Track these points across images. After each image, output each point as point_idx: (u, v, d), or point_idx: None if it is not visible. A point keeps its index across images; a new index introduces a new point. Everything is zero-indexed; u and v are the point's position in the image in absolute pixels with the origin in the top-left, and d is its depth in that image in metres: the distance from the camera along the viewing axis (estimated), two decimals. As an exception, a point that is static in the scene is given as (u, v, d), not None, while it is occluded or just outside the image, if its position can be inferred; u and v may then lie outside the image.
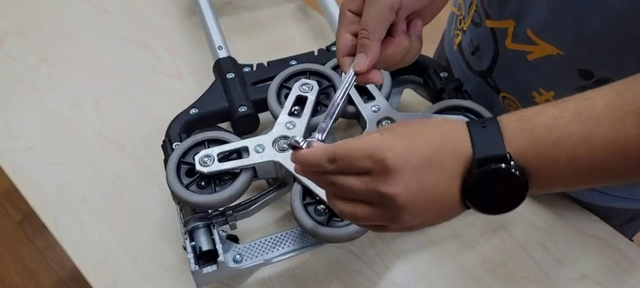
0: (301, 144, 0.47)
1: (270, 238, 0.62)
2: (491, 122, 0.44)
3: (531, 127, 0.42)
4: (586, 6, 0.54)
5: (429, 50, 0.86)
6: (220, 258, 0.57)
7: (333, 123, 0.53)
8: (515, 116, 0.44)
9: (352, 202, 0.45)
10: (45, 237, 1.53)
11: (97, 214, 0.71)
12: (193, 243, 0.58)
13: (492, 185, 0.43)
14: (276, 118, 0.65)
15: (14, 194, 0.73)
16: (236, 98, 0.69)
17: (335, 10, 0.81)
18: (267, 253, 0.61)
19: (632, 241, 0.73)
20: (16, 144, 0.77)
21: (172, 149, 0.63)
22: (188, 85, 0.83)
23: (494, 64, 0.67)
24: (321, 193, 0.58)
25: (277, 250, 0.62)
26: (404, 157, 0.42)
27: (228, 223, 0.62)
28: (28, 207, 0.72)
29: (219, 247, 0.58)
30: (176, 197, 0.60)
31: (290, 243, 0.62)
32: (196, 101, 0.69)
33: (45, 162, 0.75)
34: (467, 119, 0.56)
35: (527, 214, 0.71)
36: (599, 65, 0.57)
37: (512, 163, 0.42)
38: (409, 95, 0.79)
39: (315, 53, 0.74)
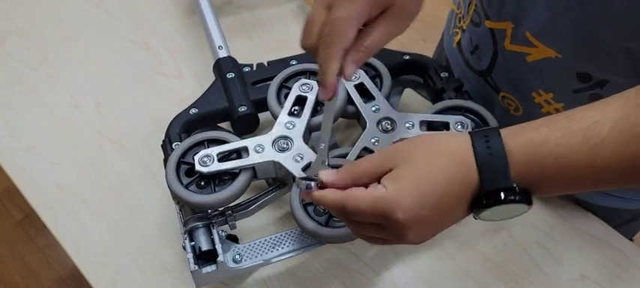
0: (312, 185, 0.48)
1: (270, 238, 0.62)
2: (498, 150, 0.44)
3: (539, 156, 0.44)
4: (583, 10, 0.54)
5: (428, 50, 0.86)
6: (220, 258, 0.57)
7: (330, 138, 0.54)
8: (522, 141, 0.44)
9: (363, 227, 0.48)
10: (46, 236, 1.53)
11: (97, 213, 0.71)
12: (193, 243, 0.58)
13: (499, 209, 0.45)
14: (276, 118, 0.65)
15: (15, 193, 0.73)
16: (236, 98, 0.69)
17: (335, 10, 0.81)
18: (266, 253, 0.61)
19: (632, 241, 0.73)
20: (16, 144, 0.77)
21: (172, 149, 0.63)
22: (188, 85, 0.83)
23: (494, 65, 0.67)
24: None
25: (277, 250, 0.62)
26: (414, 212, 0.44)
27: (227, 223, 0.62)
28: (29, 206, 0.72)
29: (218, 247, 0.58)
30: (176, 197, 0.60)
31: (289, 243, 0.62)
32: (196, 101, 0.69)
33: (45, 162, 0.75)
34: (468, 128, 0.59)
35: (527, 214, 0.70)
36: (597, 68, 0.57)
37: (517, 190, 0.44)
38: (409, 95, 0.79)
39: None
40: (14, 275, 1.49)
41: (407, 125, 0.64)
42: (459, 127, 0.63)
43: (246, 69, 0.73)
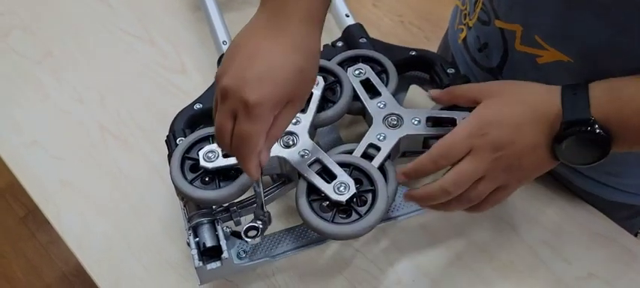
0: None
1: (275, 235, 0.62)
2: (581, 89, 0.52)
3: (617, 98, 0.51)
4: (591, 18, 0.53)
5: (432, 47, 0.85)
6: (224, 254, 0.57)
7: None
8: (604, 85, 0.52)
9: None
10: (48, 232, 1.53)
11: (101, 209, 0.70)
12: (197, 239, 0.58)
13: (578, 143, 0.51)
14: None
15: (18, 189, 0.73)
16: (241, 93, 0.68)
17: (340, 5, 0.80)
18: (271, 249, 0.61)
19: (637, 236, 0.72)
20: (19, 138, 0.76)
21: (176, 144, 0.63)
22: (192, 80, 0.82)
23: (504, 63, 0.67)
24: (326, 189, 0.57)
25: (281, 246, 0.61)
26: (495, 128, 0.53)
27: (232, 219, 0.61)
28: (32, 202, 0.72)
29: (223, 243, 0.57)
30: (180, 193, 0.60)
31: (294, 240, 0.61)
32: (201, 96, 0.69)
33: (48, 156, 0.75)
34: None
35: (533, 213, 0.70)
36: (607, 76, 0.56)
37: (596, 125, 0.50)
38: (415, 91, 0.78)
39: (321, 49, 0.73)
40: (16, 271, 1.49)
41: (413, 121, 0.63)
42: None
43: (251, 64, 0.72)
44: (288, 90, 0.48)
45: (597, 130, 0.50)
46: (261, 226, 0.58)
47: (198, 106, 0.67)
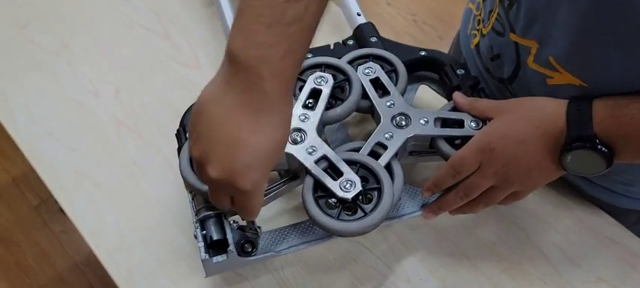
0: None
1: (281, 230, 0.62)
2: (585, 105, 0.54)
3: (618, 114, 0.52)
4: (606, 47, 0.53)
5: (444, 47, 0.84)
6: (231, 248, 0.57)
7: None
8: (608, 102, 0.53)
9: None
10: (61, 221, 1.55)
11: (114, 200, 0.72)
12: (204, 232, 0.58)
13: (582, 156, 0.54)
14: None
15: (31, 178, 0.75)
16: (251, 89, 0.68)
17: (352, 3, 0.80)
18: (277, 244, 0.61)
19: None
20: (34, 128, 0.78)
21: (186, 138, 0.64)
22: (206, 75, 0.81)
23: (516, 76, 0.66)
24: (332, 186, 0.58)
25: (287, 241, 0.62)
26: (501, 144, 0.57)
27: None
28: (45, 192, 0.73)
29: (229, 236, 0.58)
30: (188, 186, 0.60)
31: (300, 235, 0.62)
32: (212, 91, 0.69)
33: (63, 147, 0.76)
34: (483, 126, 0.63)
35: (544, 215, 0.70)
36: None
37: (597, 141, 0.52)
38: (423, 92, 0.78)
39: (331, 47, 0.73)
40: (29, 260, 1.52)
41: (421, 121, 0.63)
42: (474, 124, 0.62)
43: (263, 59, 0.73)
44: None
45: (598, 146, 0.52)
46: (252, 237, 0.60)
47: (209, 100, 0.68)
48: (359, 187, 0.57)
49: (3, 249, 1.53)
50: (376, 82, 0.67)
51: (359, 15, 0.77)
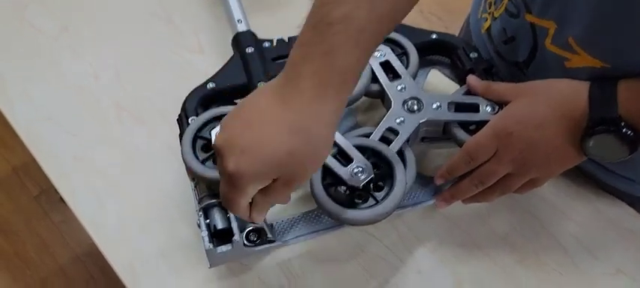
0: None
1: (288, 219, 0.60)
2: (609, 87, 0.51)
3: None
4: (632, 24, 0.51)
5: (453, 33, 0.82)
6: (235, 237, 0.55)
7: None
8: (633, 84, 0.51)
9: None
10: (61, 211, 1.53)
11: (115, 187, 0.69)
12: (208, 221, 0.56)
13: (605, 140, 0.51)
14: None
15: (32, 168, 0.73)
16: (255, 73, 0.66)
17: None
18: (284, 234, 0.59)
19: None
20: (34, 113, 0.76)
21: (188, 124, 0.61)
22: (209, 60, 0.81)
23: (532, 60, 0.64)
24: (342, 173, 0.55)
25: (294, 231, 0.59)
26: (519, 128, 0.55)
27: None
28: (46, 181, 0.71)
29: (234, 225, 0.56)
30: (191, 173, 0.58)
31: (308, 225, 0.60)
32: (214, 75, 0.67)
33: (63, 133, 0.74)
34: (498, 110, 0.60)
35: (560, 205, 0.67)
36: None
37: (622, 124, 0.50)
38: (434, 78, 0.75)
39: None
40: (29, 250, 1.50)
41: (434, 106, 0.61)
42: (489, 108, 0.60)
43: (266, 44, 0.71)
44: (270, 170, 0.45)
45: (624, 130, 0.50)
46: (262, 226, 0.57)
47: (211, 85, 0.66)
48: (370, 174, 0.55)
49: (3, 239, 1.51)
50: (386, 66, 0.65)
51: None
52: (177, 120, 0.64)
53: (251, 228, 0.56)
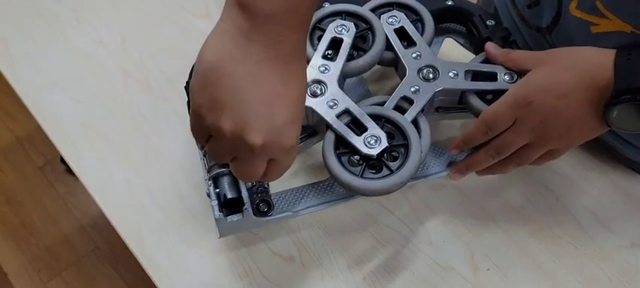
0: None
1: (299, 189, 0.59)
2: (636, 54, 0.49)
3: None
4: None
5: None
6: (246, 207, 0.54)
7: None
8: None
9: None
10: (66, 182, 1.52)
11: (122, 154, 0.68)
12: (217, 190, 0.55)
13: (630, 110, 0.49)
14: (308, 61, 0.60)
15: (37, 138, 0.71)
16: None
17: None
18: (295, 204, 0.58)
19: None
20: (38, 78, 0.74)
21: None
22: (217, 26, 0.79)
23: (555, 25, 0.62)
24: (356, 142, 0.54)
25: (305, 202, 0.58)
26: (540, 97, 0.53)
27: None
28: (51, 152, 0.70)
29: (244, 195, 0.54)
30: (199, 141, 0.56)
31: (319, 195, 0.58)
32: (225, 41, 0.65)
33: (68, 99, 0.72)
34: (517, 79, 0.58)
35: (575, 177, 0.66)
36: None
37: None
38: (449, 47, 0.73)
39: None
40: (35, 220, 1.50)
41: (451, 74, 0.59)
42: (508, 77, 0.58)
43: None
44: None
45: None
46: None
47: (222, 50, 0.64)
48: (385, 143, 0.53)
49: (8, 209, 1.51)
50: (401, 32, 0.63)
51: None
52: (185, 87, 0.63)
53: (261, 199, 0.55)
